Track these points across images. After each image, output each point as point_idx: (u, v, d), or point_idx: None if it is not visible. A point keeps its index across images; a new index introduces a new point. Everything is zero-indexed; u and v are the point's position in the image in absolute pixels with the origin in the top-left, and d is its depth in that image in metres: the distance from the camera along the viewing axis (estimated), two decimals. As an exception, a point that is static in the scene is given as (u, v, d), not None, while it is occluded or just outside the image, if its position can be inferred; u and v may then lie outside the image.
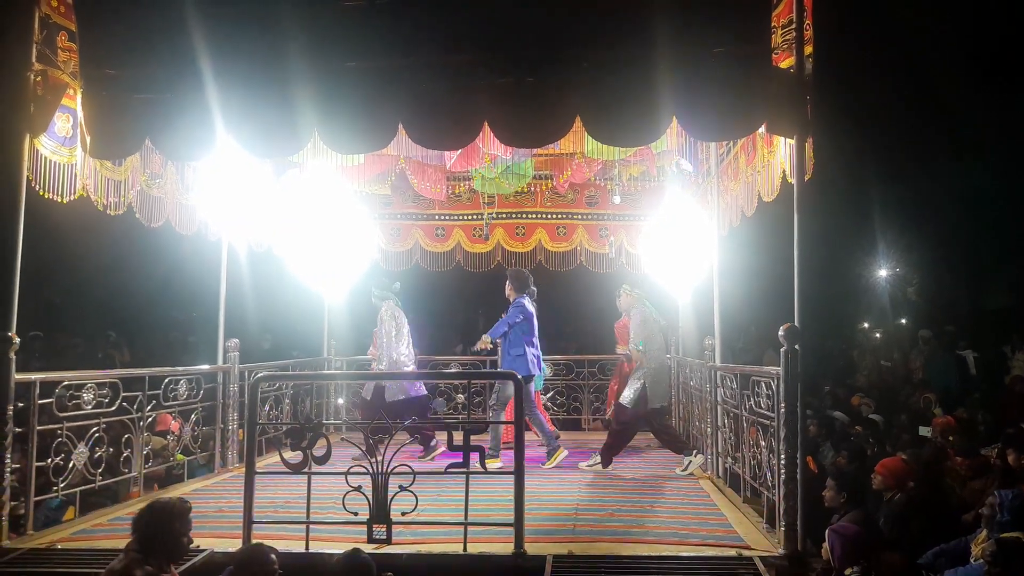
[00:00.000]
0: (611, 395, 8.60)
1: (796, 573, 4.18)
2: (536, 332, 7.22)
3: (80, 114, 5.00)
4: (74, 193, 5.19)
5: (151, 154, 5.74)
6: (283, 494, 5.30)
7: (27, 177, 4.80)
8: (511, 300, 7.28)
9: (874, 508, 6.00)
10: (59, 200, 5.07)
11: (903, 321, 17.40)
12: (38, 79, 4.84)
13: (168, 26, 4.76)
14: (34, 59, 4.82)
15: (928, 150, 15.85)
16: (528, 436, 7.36)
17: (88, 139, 4.97)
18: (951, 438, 7.28)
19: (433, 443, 7.27)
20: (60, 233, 10.01)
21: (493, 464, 6.44)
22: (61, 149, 5.04)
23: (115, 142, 5.03)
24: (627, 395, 6.85)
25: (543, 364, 7.53)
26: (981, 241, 17.05)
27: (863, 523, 5.22)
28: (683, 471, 6.67)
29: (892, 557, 4.33)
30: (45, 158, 4.93)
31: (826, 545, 4.91)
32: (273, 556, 3.63)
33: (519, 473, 4.26)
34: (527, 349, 7.06)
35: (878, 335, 16.36)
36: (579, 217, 9.45)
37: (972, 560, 4.86)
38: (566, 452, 7.13)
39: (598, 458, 6.92)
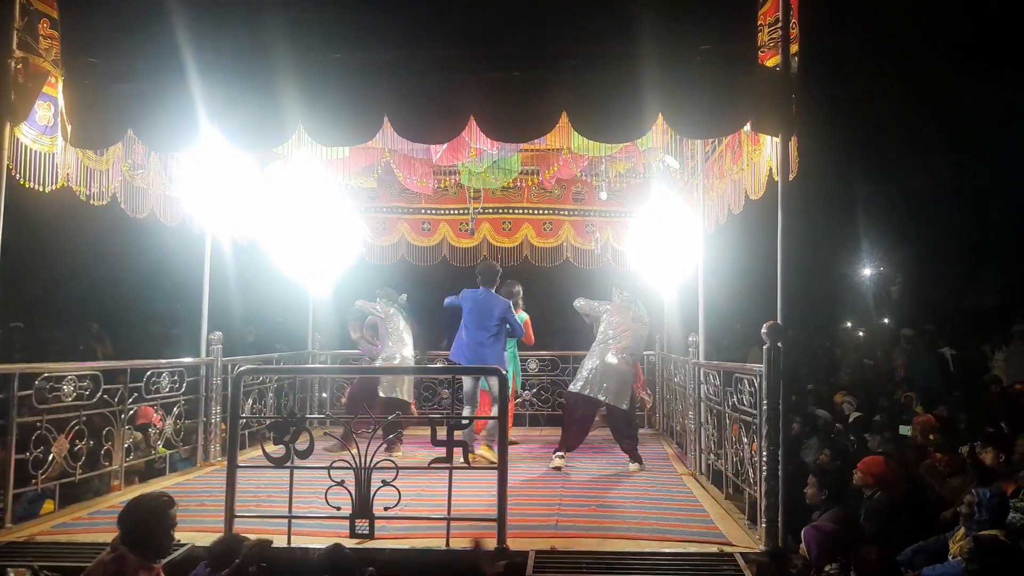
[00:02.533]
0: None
1: (776, 569, 4.20)
2: (472, 322, 6.99)
3: (62, 102, 4.95)
4: (56, 183, 5.14)
5: (134, 144, 5.68)
6: (265, 488, 5.28)
7: (7, 166, 4.74)
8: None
9: (855, 506, 6.05)
10: (40, 190, 5.02)
11: (886, 320, 17.54)
12: (19, 66, 4.78)
13: (151, 14, 4.71)
14: (15, 46, 4.76)
15: (913, 149, 15.98)
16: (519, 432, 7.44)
17: (69, 128, 4.92)
18: (931, 436, 7.35)
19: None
20: (42, 223, 9.90)
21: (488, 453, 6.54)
22: (42, 138, 4.98)
23: (97, 131, 4.98)
24: (611, 394, 6.80)
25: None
26: (964, 240, 17.21)
27: (842, 521, 5.26)
28: (553, 463, 6.67)
29: (871, 553, 4.36)
30: (26, 147, 4.89)
31: (803, 546, 4.95)
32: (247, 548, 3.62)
33: (502, 469, 4.26)
34: (460, 336, 7.04)
35: (861, 333, 16.49)
36: (566, 213, 9.46)
37: (950, 557, 4.91)
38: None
39: (637, 464, 6.70)
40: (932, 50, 13.86)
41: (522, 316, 8.01)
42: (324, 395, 9.23)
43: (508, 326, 7.00)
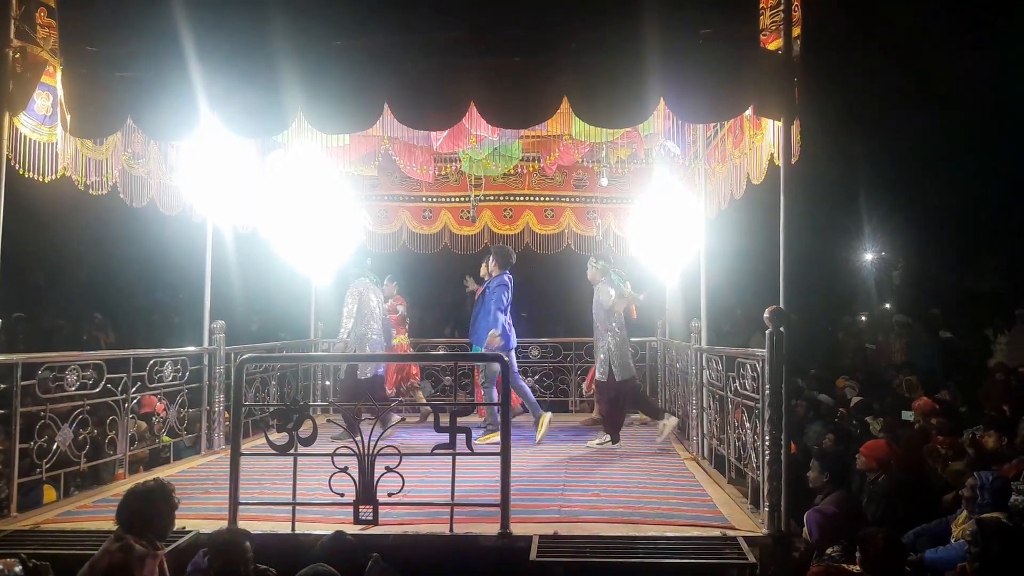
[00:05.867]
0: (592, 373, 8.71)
1: (779, 553, 4.23)
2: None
3: (60, 92, 4.93)
4: (55, 172, 5.14)
5: (133, 133, 5.67)
6: (269, 476, 5.30)
7: (7, 156, 4.73)
8: (492, 275, 7.43)
9: (858, 489, 6.06)
10: (40, 179, 5.01)
11: (888, 305, 17.52)
12: (17, 56, 4.76)
13: (149, 2, 4.70)
14: (12, 35, 4.74)
15: (917, 133, 15.88)
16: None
17: (68, 117, 4.91)
18: (933, 420, 7.36)
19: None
20: (44, 213, 9.90)
21: (493, 438, 6.63)
22: (41, 127, 4.97)
23: (96, 121, 4.97)
24: (599, 372, 7.23)
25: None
26: (967, 223, 17.15)
27: (844, 504, 5.26)
28: (661, 439, 7.01)
29: (876, 536, 4.38)
30: (25, 136, 4.87)
31: (805, 529, 4.97)
32: (249, 544, 3.62)
33: (505, 454, 4.27)
34: (502, 320, 7.21)
35: (863, 318, 16.46)
36: (567, 200, 9.44)
37: (953, 540, 4.93)
38: (550, 415, 7.37)
39: (606, 436, 7.03)
40: (935, 33, 13.76)
41: None
42: (327, 383, 9.26)
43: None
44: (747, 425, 4.97)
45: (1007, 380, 9.29)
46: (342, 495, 4.31)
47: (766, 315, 4.30)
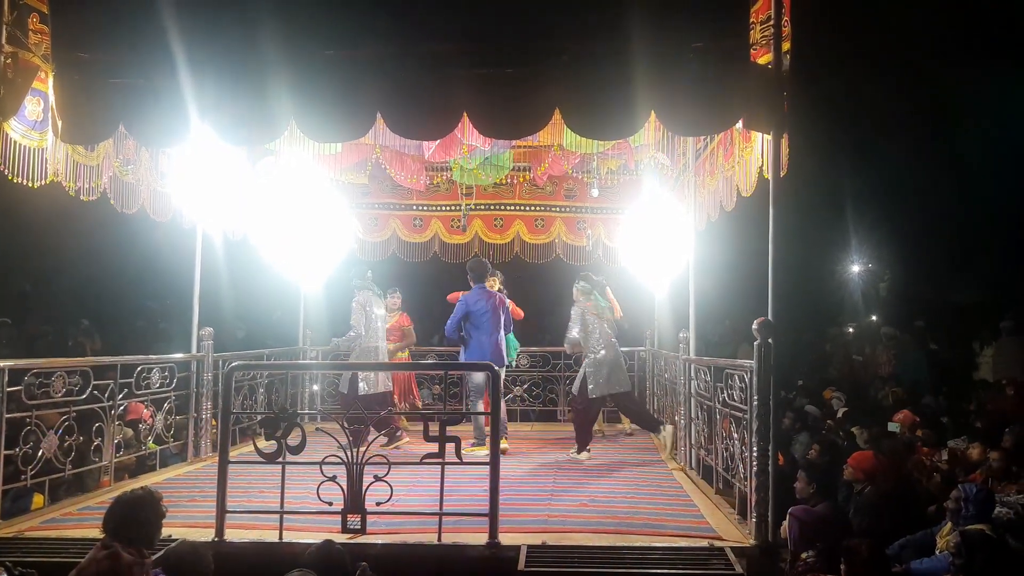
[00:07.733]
0: None
1: (766, 564, 4.24)
2: (488, 322, 7.18)
3: (52, 98, 4.91)
4: (45, 178, 5.10)
5: (124, 140, 5.65)
6: (257, 484, 5.28)
7: (-5, 161, 4.72)
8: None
9: (844, 500, 6.10)
10: (29, 185, 4.99)
11: (874, 317, 17.63)
12: (8, 61, 4.74)
13: (142, 10, 4.69)
14: (4, 41, 4.72)
15: (904, 146, 16.03)
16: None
17: (60, 123, 4.89)
18: (919, 432, 7.41)
19: (398, 432, 7.32)
20: (32, 219, 9.85)
21: (480, 451, 6.61)
22: (31, 133, 4.95)
23: (87, 127, 4.95)
24: (575, 386, 7.43)
25: (505, 355, 7.46)
26: (953, 236, 17.29)
27: (831, 513, 5.30)
28: (668, 451, 7.03)
29: (861, 547, 4.41)
30: (15, 142, 4.84)
31: (785, 524, 5.00)
32: (211, 561, 3.59)
33: (494, 464, 4.28)
34: (474, 339, 7.16)
35: (850, 330, 16.57)
36: (557, 210, 9.48)
37: (937, 552, 4.96)
38: (507, 445, 7.23)
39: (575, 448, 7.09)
40: (924, 47, 13.91)
41: None
42: (316, 388, 9.23)
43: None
44: (735, 436, 4.99)
45: (1019, 394, 9.16)
46: (330, 504, 4.31)
47: (754, 327, 4.34)
